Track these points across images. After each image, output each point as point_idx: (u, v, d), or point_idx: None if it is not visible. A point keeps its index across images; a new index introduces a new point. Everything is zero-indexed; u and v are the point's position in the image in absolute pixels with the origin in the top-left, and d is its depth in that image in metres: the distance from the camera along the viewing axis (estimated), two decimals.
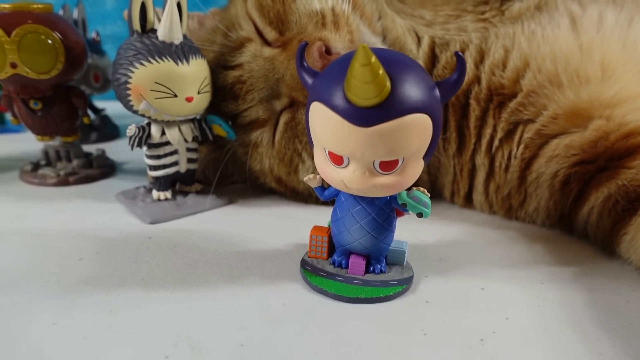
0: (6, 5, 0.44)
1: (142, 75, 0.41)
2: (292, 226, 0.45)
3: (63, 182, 0.52)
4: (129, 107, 0.43)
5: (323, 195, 0.35)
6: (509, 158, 0.47)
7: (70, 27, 0.47)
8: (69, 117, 0.50)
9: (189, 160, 0.47)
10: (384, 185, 0.30)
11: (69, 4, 0.64)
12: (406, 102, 0.28)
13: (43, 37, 0.44)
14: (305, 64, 0.32)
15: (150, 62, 0.41)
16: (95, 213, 0.46)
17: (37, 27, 0.43)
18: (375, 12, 0.51)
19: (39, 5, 0.45)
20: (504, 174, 0.47)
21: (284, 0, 0.46)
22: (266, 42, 0.46)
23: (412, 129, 0.28)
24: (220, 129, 0.46)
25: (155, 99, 0.42)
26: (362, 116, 0.27)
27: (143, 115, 0.43)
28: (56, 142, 0.54)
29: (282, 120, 0.46)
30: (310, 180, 0.35)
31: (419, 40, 0.50)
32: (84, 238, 0.40)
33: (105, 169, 0.55)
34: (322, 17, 0.44)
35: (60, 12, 0.63)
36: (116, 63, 0.42)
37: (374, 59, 0.25)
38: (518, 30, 0.47)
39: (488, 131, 0.47)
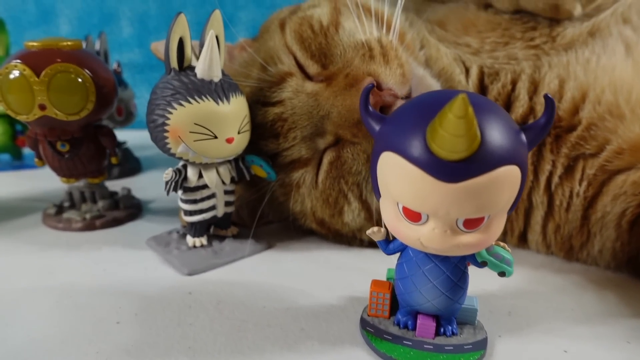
0: (35, 43, 0.41)
1: (181, 116, 0.38)
2: (340, 275, 0.41)
3: (89, 226, 0.49)
4: (165, 150, 0.40)
5: (387, 250, 0.32)
6: (571, 196, 0.43)
7: (100, 63, 0.44)
8: (96, 157, 0.47)
9: (227, 204, 0.44)
10: (467, 244, 0.27)
11: (92, 36, 0.62)
12: (496, 153, 0.25)
13: (73, 76, 0.41)
14: (370, 109, 0.29)
15: (189, 102, 0.38)
16: (128, 263, 0.43)
17: (67, 66, 0.40)
18: (416, 41, 0.48)
19: (69, 42, 0.42)
20: (565, 213, 0.44)
21: (326, 32, 0.43)
22: (307, 77, 0.43)
23: (503, 183, 0.25)
24: (261, 169, 0.43)
25: (194, 141, 0.39)
26: (448, 170, 0.24)
27: (180, 158, 0.40)
28: (81, 182, 0.51)
29: (326, 159, 0.43)
30: (374, 234, 0.32)
31: (467, 70, 0.47)
32: (119, 295, 0.37)
33: (132, 209, 0.52)
34: (369, 49, 0.41)
35: (83, 44, 0.61)
36: (152, 103, 0.39)
37: (470, 110, 0.22)
38: (572, 58, 0.45)
39: (547, 167, 0.43)
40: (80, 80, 0.41)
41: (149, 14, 0.96)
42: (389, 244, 0.32)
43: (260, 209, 0.47)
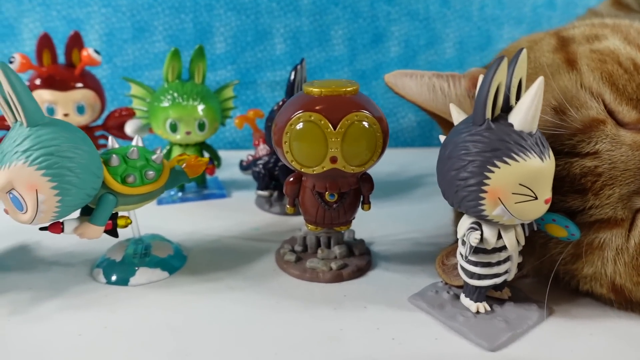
0: (315, 89, 0.38)
1: (505, 176, 0.33)
2: None
3: (337, 277, 0.45)
4: (474, 210, 0.35)
5: None
6: None
7: (376, 106, 0.40)
8: (355, 205, 0.43)
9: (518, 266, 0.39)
10: None
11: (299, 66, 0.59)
12: None
13: (367, 125, 0.37)
14: None
15: (514, 159, 0.33)
16: (410, 329, 0.39)
17: (362, 116, 0.37)
18: None
19: (353, 87, 0.38)
20: None
21: None
22: (619, 124, 0.37)
23: None
24: (561, 229, 0.38)
25: (515, 203, 0.34)
26: None
27: (488, 220, 0.36)
28: None
29: None
30: None
31: None
32: None
33: (368, 256, 0.49)
34: None
35: (292, 76, 0.58)
36: (459, 158, 0.35)
37: None
38: None
39: None
40: (372, 129, 0.37)
41: (301, 31, 0.93)
42: None
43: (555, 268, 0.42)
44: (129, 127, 0.67)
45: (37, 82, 0.63)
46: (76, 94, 0.65)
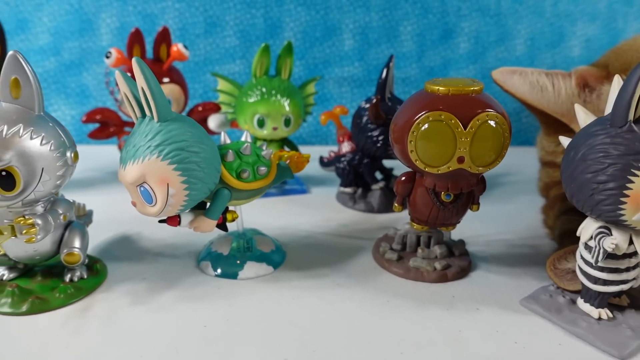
0: (442, 88, 0.38)
1: None
2: None
3: (441, 277, 0.45)
4: (613, 215, 0.34)
5: None
6: None
7: (499, 104, 0.39)
8: (467, 206, 0.43)
9: None
10: None
11: (391, 63, 0.58)
12: None
13: (496, 126, 0.37)
14: None
15: None
16: (529, 332, 0.38)
17: (492, 115, 0.36)
18: None
19: (479, 86, 0.38)
20: None
21: None
22: None
23: None
24: None
25: None
26: None
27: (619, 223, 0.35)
28: None
29: None
30: None
31: None
32: None
33: (468, 257, 0.48)
34: None
35: (383, 73, 0.58)
36: (596, 160, 0.34)
37: None
38: None
39: None
40: (500, 129, 0.37)
41: (370, 26, 0.92)
42: None
43: None
44: (212, 122, 0.68)
45: None
46: (164, 89, 0.66)
